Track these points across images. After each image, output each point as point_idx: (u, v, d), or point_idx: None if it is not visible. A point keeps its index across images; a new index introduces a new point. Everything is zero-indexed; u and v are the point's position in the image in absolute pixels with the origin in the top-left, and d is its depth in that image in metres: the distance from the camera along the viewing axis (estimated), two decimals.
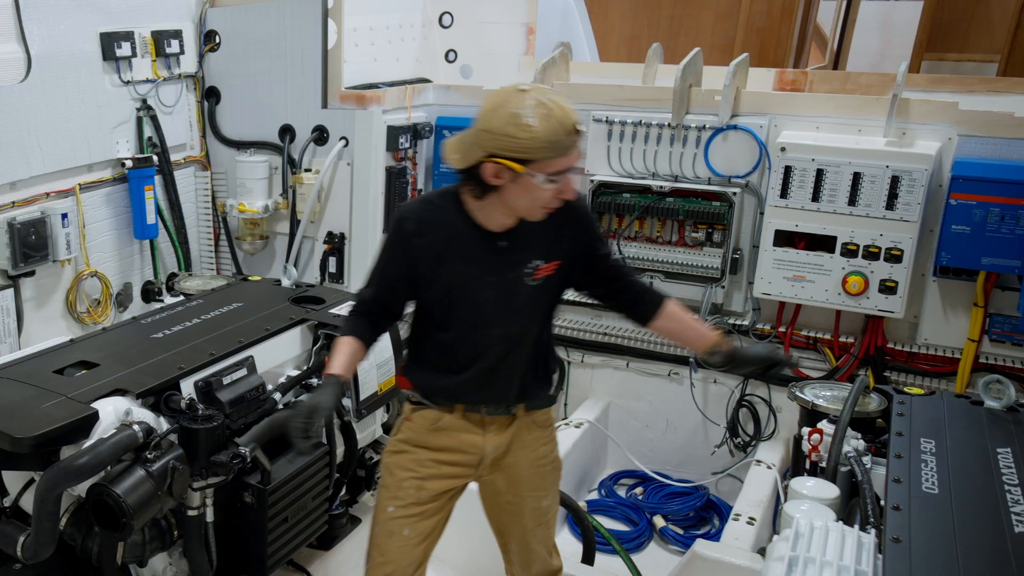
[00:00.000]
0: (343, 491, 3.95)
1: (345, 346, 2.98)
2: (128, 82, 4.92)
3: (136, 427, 2.84)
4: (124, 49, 4.81)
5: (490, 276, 2.93)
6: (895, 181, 4.47)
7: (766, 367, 3.05)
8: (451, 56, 6.22)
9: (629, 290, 3.15)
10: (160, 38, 5.04)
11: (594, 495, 5.31)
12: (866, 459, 2.78)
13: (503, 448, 3.14)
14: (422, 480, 3.11)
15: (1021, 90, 5.00)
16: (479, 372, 3.01)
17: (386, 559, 3.13)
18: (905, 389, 3.12)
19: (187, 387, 3.13)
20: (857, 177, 4.54)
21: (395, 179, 5.40)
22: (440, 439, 3.10)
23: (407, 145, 5.42)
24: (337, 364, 2.92)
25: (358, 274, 5.48)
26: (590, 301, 4.84)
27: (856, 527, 2.32)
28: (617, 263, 3.18)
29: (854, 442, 2.85)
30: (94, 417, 2.83)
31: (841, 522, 2.37)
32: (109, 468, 2.79)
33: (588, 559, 4.37)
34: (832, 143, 4.63)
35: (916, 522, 2.25)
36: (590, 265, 3.09)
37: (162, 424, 3.01)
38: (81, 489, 2.83)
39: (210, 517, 3.13)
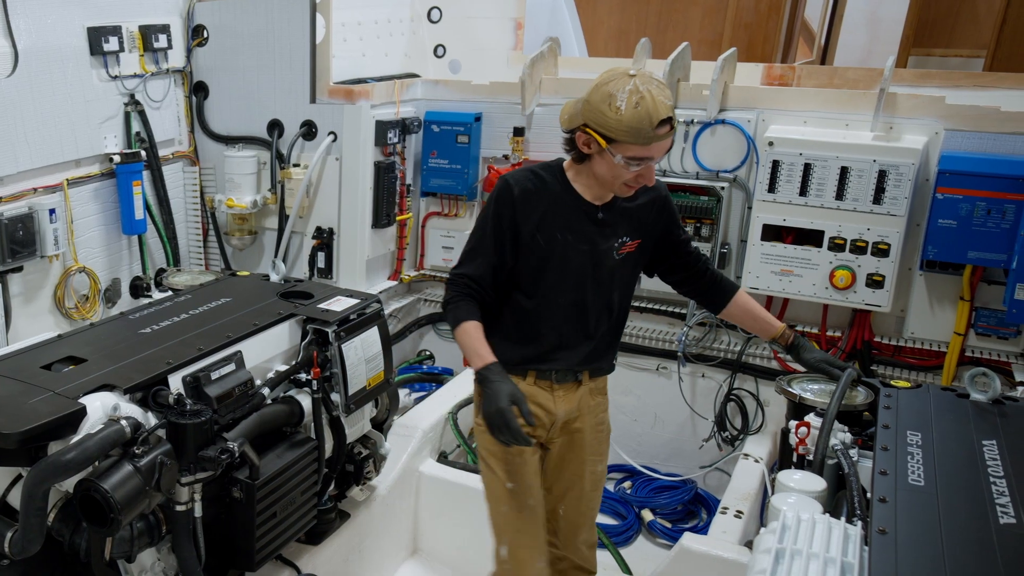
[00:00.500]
0: (331, 486, 3.94)
1: (476, 331, 3.14)
2: (116, 77, 4.90)
3: (124, 422, 2.83)
4: (111, 44, 4.79)
5: (584, 245, 3.17)
6: (882, 175, 4.49)
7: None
8: (440, 51, 6.22)
9: (704, 277, 3.47)
10: (148, 33, 5.02)
11: None
12: (853, 452, 2.79)
13: (573, 414, 3.35)
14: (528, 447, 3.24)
15: (1007, 85, 5.02)
16: (555, 338, 3.24)
17: (526, 530, 3.33)
18: (892, 382, 3.14)
19: (175, 382, 3.11)
20: (844, 171, 4.56)
21: (384, 174, 5.40)
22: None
23: (396, 140, 5.42)
24: (485, 351, 3.11)
25: (347, 269, 5.48)
26: None
27: (843, 519, 2.33)
28: (695, 251, 3.44)
29: (841, 435, 2.86)
30: (82, 412, 2.81)
31: (828, 514, 2.37)
32: (97, 463, 2.78)
33: None
34: (820, 137, 4.66)
35: (902, 514, 2.26)
36: (668, 249, 3.39)
37: (150, 419, 2.99)
38: (69, 484, 2.81)
39: (198, 512, 3.11)
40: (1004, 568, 2.03)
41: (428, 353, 6.19)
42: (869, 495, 2.44)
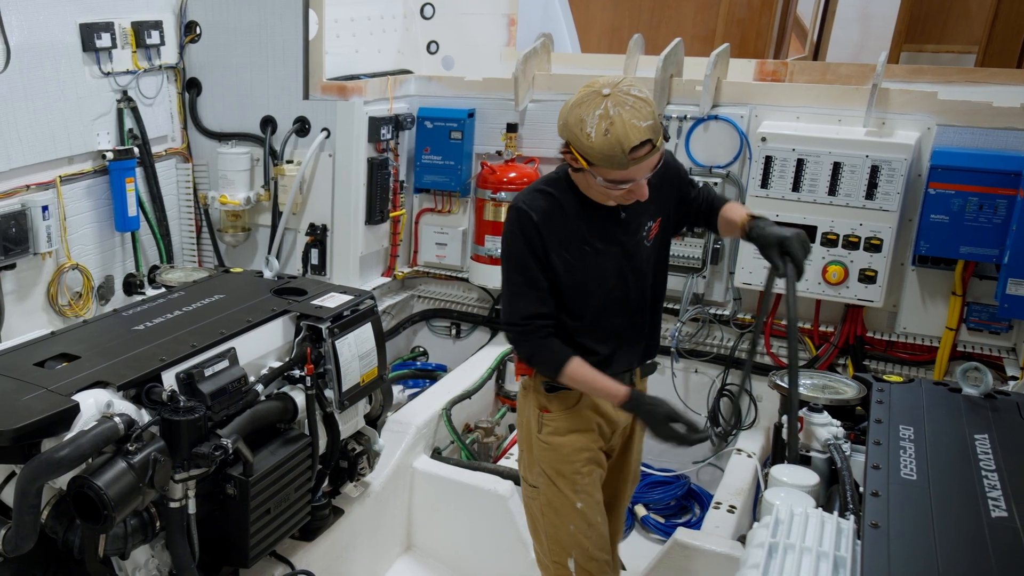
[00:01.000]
0: (325, 482, 3.95)
1: (585, 367, 3.09)
2: (108, 73, 4.89)
3: (117, 419, 2.83)
4: (104, 40, 4.78)
5: (614, 248, 3.10)
6: (875, 171, 4.50)
7: (779, 249, 3.02)
8: (433, 47, 6.22)
9: (710, 208, 3.32)
10: (140, 29, 5.01)
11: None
12: (846, 446, 2.80)
13: (630, 418, 3.33)
14: (592, 464, 3.30)
15: (999, 80, 5.04)
16: (612, 346, 3.20)
17: (594, 548, 3.33)
18: (884, 377, 3.14)
19: (169, 379, 3.11)
20: (837, 167, 4.56)
21: (377, 170, 5.40)
22: (583, 417, 3.26)
23: (389, 136, 5.42)
24: (612, 384, 3.08)
25: (340, 265, 5.48)
26: None
27: (835, 513, 2.34)
28: (704, 195, 3.34)
29: (833, 429, 2.87)
30: (75, 409, 2.81)
31: (821, 509, 2.38)
32: (90, 460, 2.78)
33: None
34: (812, 133, 4.67)
35: (895, 508, 2.27)
36: (685, 210, 3.31)
37: (143, 416, 2.99)
38: (62, 482, 2.81)
39: (192, 509, 3.11)
40: (996, 561, 2.04)
41: (422, 349, 6.19)
42: (862, 489, 2.45)
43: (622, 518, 3.70)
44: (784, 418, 3.04)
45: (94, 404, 2.86)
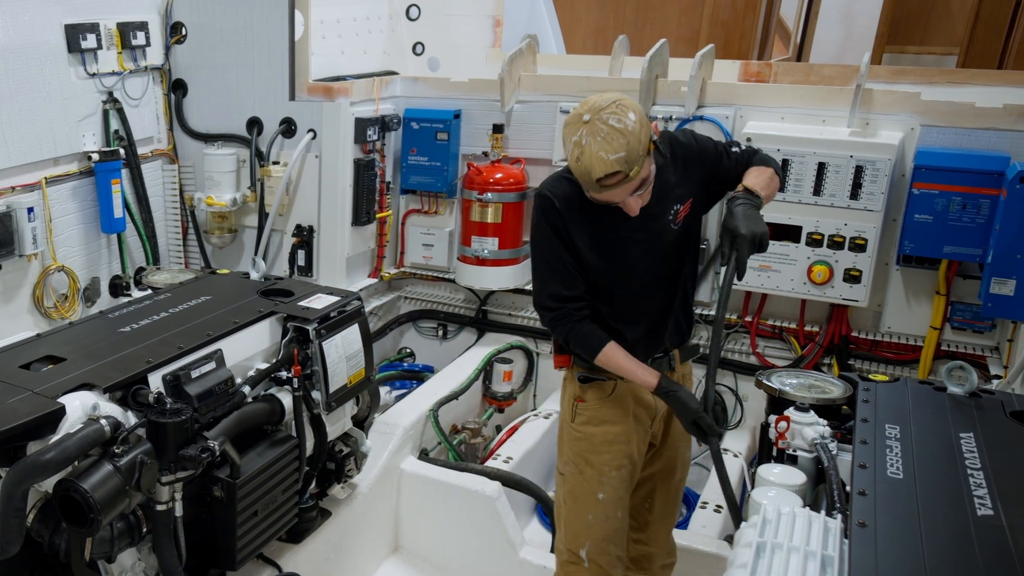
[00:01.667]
0: (313, 484, 3.94)
1: (620, 352, 3.18)
2: (94, 74, 4.87)
3: (103, 422, 2.82)
4: (89, 41, 4.76)
5: (640, 234, 3.13)
6: (859, 171, 4.52)
7: (730, 240, 3.06)
8: (419, 49, 6.22)
9: (741, 172, 3.26)
10: (126, 30, 4.99)
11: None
12: (832, 445, 2.80)
13: (666, 406, 3.36)
14: (623, 459, 3.36)
15: (981, 81, 5.07)
16: (643, 328, 3.26)
17: (607, 541, 3.40)
18: (870, 376, 3.16)
19: (155, 381, 3.10)
20: (822, 167, 4.59)
21: (363, 171, 5.40)
22: (620, 406, 3.32)
23: (375, 137, 5.41)
24: (644, 370, 3.18)
25: (327, 267, 5.47)
26: None
27: (822, 512, 2.35)
28: (739, 158, 3.29)
29: (820, 428, 2.88)
30: (61, 412, 2.80)
31: (808, 508, 2.39)
32: (76, 463, 2.77)
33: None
34: (797, 133, 4.69)
35: (881, 507, 2.28)
36: (721, 183, 3.29)
37: (130, 418, 2.98)
38: (48, 485, 2.80)
39: (179, 511, 3.10)
40: (982, 559, 2.05)
41: (409, 350, 6.19)
42: (848, 488, 2.46)
43: (675, 502, 3.73)
44: (771, 417, 3.05)
45: (80, 407, 2.85)
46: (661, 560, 3.73)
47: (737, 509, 3.21)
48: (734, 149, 3.31)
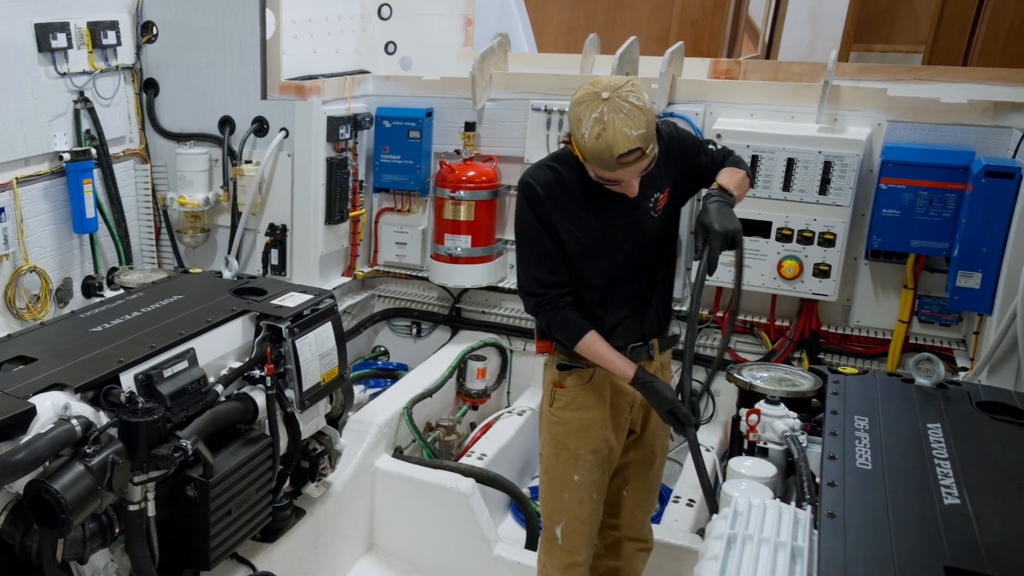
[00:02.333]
0: (287, 483, 3.93)
1: (599, 342, 3.23)
2: (64, 74, 4.83)
3: (75, 421, 2.81)
4: (60, 40, 4.72)
5: (621, 220, 3.19)
6: (827, 166, 4.56)
7: (703, 236, 3.15)
8: (391, 48, 6.21)
9: (714, 172, 3.35)
10: (96, 29, 4.96)
11: (536, 482, 5.34)
12: (802, 438, 2.83)
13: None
14: (598, 443, 3.42)
15: (945, 78, 5.13)
16: (622, 314, 3.32)
17: (580, 520, 3.50)
18: (839, 369, 3.19)
19: (127, 380, 3.09)
20: (791, 163, 4.63)
21: (336, 170, 5.39)
22: (598, 393, 3.38)
23: (347, 136, 5.41)
24: (622, 361, 3.24)
25: (300, 266, 5.46)
26: None
27: (793, 504, 2.37)
28: (715, 156, 3.39)
29: (790, 421, 2.91)
30: (31, 412, 2.78)
31: (778, 500, 2.42)
32: (47, 464, 2.76)
33: (532, 545, 4.42)
34: (766, 129, 4.73)
35: (850, 497, 2.30)
36: (696, 179, 3.37)
37: (101, 418, 2.97)
38: (19, 486, 2.78)
39: (152, 511, 3.09)
40: (948, 547, 2.07)
41: (383, 349, 6.18)
42: (818, 480, 2.49)
43: (652, 490, 3.79)
44: (742, 411, 3.08)
45: (51, 406, 2.83)
46: (636, 547, 3.79)
47: (713, 498, 3.24)
48: (710, 147, 3.41)
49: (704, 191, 3.30)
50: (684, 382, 3.24)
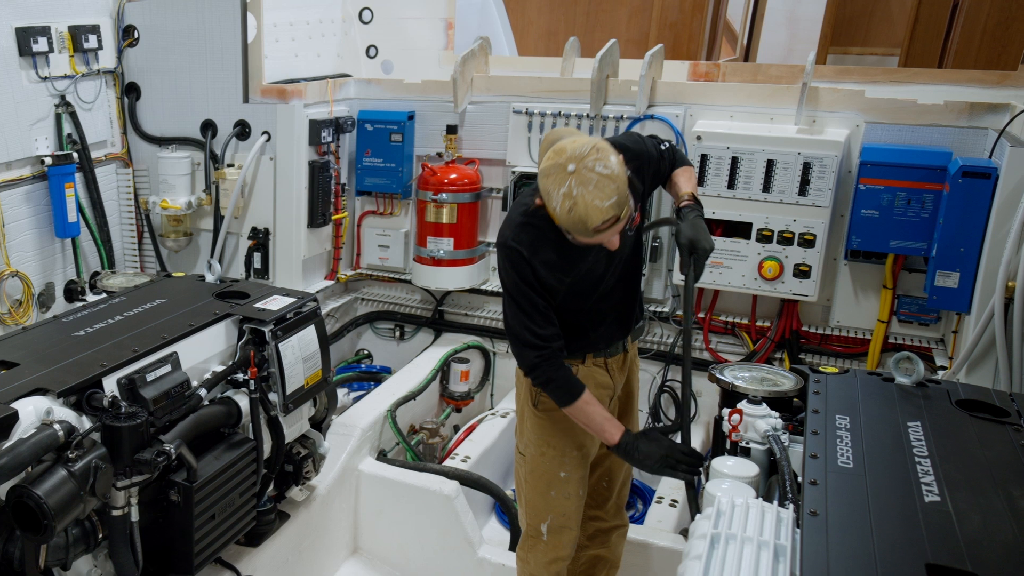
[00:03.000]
0: (271, 487, 3.93)
1: (595, 404, 3.27)
2: (46, 78, 4.82)
3: (57, 426, 2.79)
4: (40, 44, 4.71)
5: (602, 251, 3.21)
6: (807, 167, 4.60)
7: (688, 251, 3.27)
8: (372, 51, 6.21)
9: (670, 171, 3.48)
10: (77, 33, 4.94)
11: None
12: (784, 437, 2.85)
13: (623, 382, 3.62)
14: (582, 439, 3.47)
15: (922, 80, 5.17)
16: (606, 325, 3.40)
17: (567, 517, 3.55)
18: (820, 369, 3.22)
19: (110, 385, 3.08)
20: (770, 164, 4.65)
21: (318, 173, 5.39)
22: None
23: (329, 139, 5.40)
24: (613, 425, 3.26)
25: (283, 269, 5.45)
26: None
27: (775, 503, 2.39)
28: (666, 156, 3.46)
29: (772, 420, 2.93)
30: (13, 417, 2.77)
31: (761, 499, 2.43)
32: (30, 469, 2.74)
33: (516, 547, 4.41)
34: (746, 131, 4.76)
35: (832, 495, 2.32)
36: (657, 177, 3.46)
37: (84, 423, 2.95)
38: (1, 491, 2.76)
39: (135, 517, 3.08)
40: (929, 544, 2.09)
41: (366, 352, 6.18)
42: (800, 479, 2.50)
43: (629, 477, 3.86)
44: (724, 411, 3.10)
45: (33, 411, 2.82)
46: (617, 532, 3.88)
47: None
48: (663, 147, 3.47)
49: (680, 204, 3.38)
50: (684, 422, 3.33)
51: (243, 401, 3.55)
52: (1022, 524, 2.18)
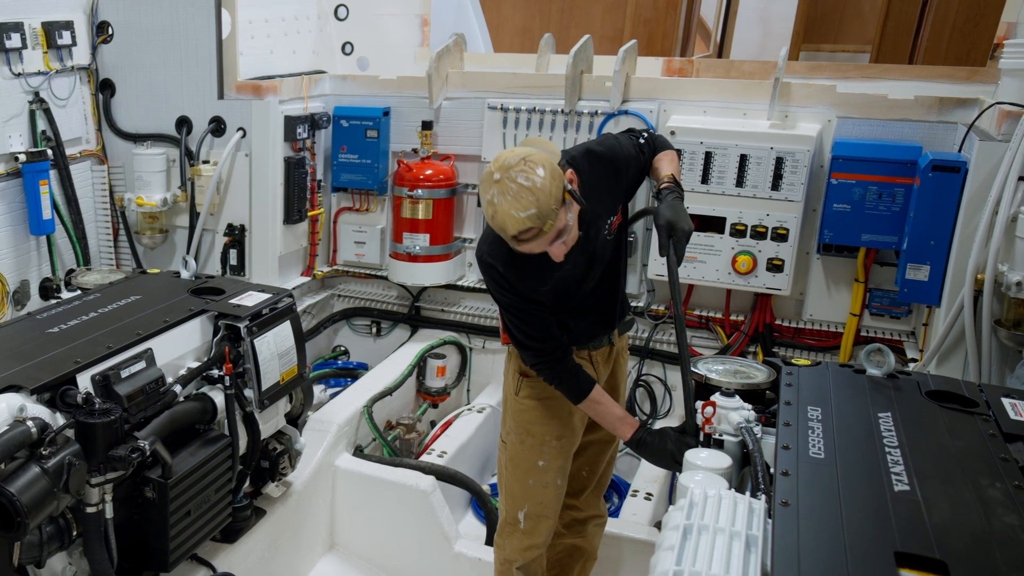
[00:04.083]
0: (246, 483, 3.92)
1: (606, 398, 3.37)
2: (19, 74, 4.79)
3: (30, 423, 2.77)
4: (13, 40, 4.68)
5: (582, 256, 3.24)
6: (779, 162, 4.63)
7: (667, 233, 3.27)
8: (348, 48, 6.20)
9: (651, 159, 3.48)
10: (51, 29, 4.91)
11: (497, 479, 5.37)
12: (757, 429, 2.87)
13: (608, 375, 3.63)
14: (564, 429, 3.50)
15: (892, 76, 5.22)
16: (586, 322, 3.43)
17: (544, 505, 3.59)
18: (793, 361, 3.24)
19: (84, 381, 3.06)
20: (744, 159, 4.68)
21: (294, 170, 5.38)
22: None
23: (305, 135, 5.40)
24: (618, 418, 3.36)
25: (259, 266, 5.44)
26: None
27: (748, 494, 2.40)
28: (646, 150, 3.47)
29: (745, 412, 2.95)
30: None
31: (733, 490, 2.45)
32: (3, 466, 2.72)
33: (492, 541, 4.43)
34: (719, 126, 4.78)
35: (804, 486, 2.33)
36: (640, 174, 3.46)
37: (58, 420, 2.93)
38: None
39: (109, 513, 3.07)
40: (899, 532, 2.11)
41: (343, 348, 6.18)
42: (772, 470, 2.52)
43: (609, 470, 3.90)
44: (698, 403, 3.12)
45: (6, 408, 2.79)
46: (595, 523, 3.92)
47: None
48: (641, 140, 3.46)
49: (660, 186, 3.35)
50: (689, 417, 3.27)
51: (218, 397, 3.54)
52: (989, 513, 2.20)
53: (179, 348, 3.53)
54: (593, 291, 3.41)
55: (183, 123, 5.38)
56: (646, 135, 3.50)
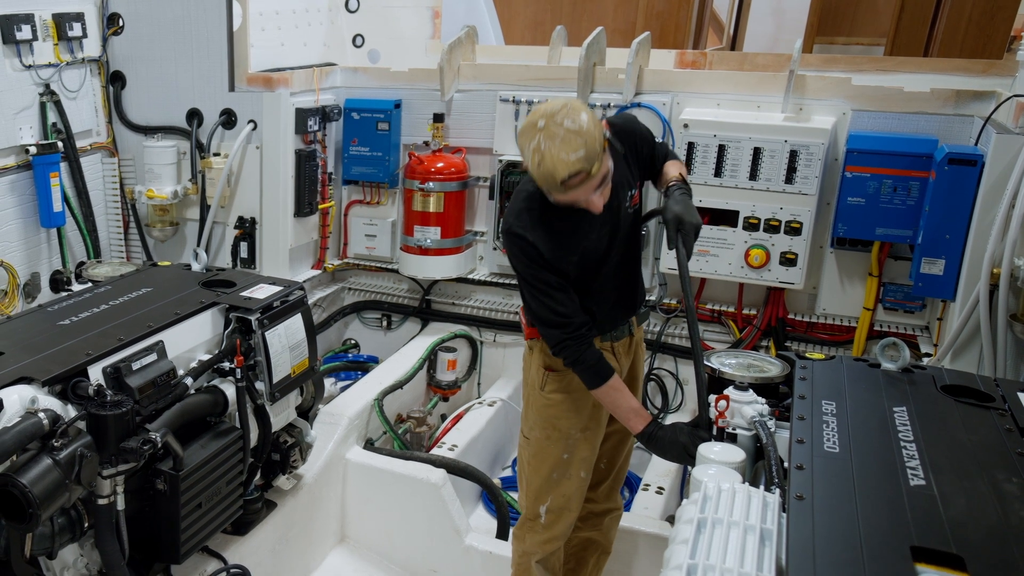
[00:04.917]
0: (257, 475, 3.92)
1: (624, 388, 3.34)
2: (30, 66, 4.79)
3: (42, 415, 2.78)
4: (24, 32, 4.68)
5: (605, 228, 3.26)
6: (793, 155, 4.60)
7: (675, 227, 3.30)
8: (358, 41, 6.19)
9: (661, 163, 3.53)
10: (61, 21, 4.91)
11: (508, 472, 5.36)
12: (770, 423, 2.86)
13: (629, 366, 3.64)
14: (590, 422, 3.53)
15: (908, 69, 5.18)
16: (610, 303, 3.42)
17: (567, 498, 3.58)
18: (807, 355, 3.22)
19: (95, 373, 3.06)
20: (757, 152, 4.66)
21: (305, 162, 5.37)
22: None
23: (316, 128, 5.39)
24: (632, 410, 3.32)
25: (270, 259, 5.44)
26: (501, 281, 5.05)
27: (761, 488, 2.39)
28: (659, 150, 3.53)
29: (759, 406, 2.93)
30: None
31: (747, 484, 2.44)
32: (14, 458, 2.73)
33: (503, 535, 4.43)
34: (732, 119, 4.76)
35: (818, 480, 2.32)
36: (651, 162, 3.49)
37: (69, 411, 2.94)
38: None
39: (121, 505, 3.07)
40: (915, 527, 2.10)
41: (354, 342, 6.18)
42: (787, 464, 2.51)
43: (627, 463, 3.89)
44: (711, 397, 3.11)
45: (18, 400, 2.80)
46: (610, 515, 3.90)
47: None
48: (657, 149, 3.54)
49: (668, 185, 3.41)
50: (701, 411, 3.24)
51: (229, 390, 3.54)
52: (1006, 507, 2.19)
53: (190, 340, 3.53)
54: (615, 272, 3.40)
55: (194, 115, 5.38)
56: (660, 141, 3.59)
